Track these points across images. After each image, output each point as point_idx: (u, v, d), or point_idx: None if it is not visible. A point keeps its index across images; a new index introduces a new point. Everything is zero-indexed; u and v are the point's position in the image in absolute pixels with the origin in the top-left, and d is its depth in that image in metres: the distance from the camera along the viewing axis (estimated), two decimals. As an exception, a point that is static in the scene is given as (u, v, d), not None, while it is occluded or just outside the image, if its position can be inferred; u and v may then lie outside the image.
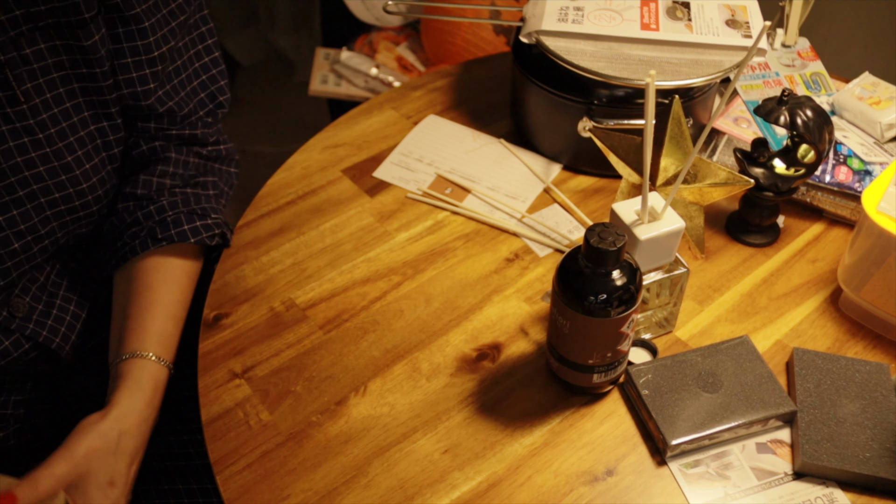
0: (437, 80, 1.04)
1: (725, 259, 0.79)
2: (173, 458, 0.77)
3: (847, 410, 0.63)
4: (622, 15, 0.85)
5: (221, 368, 0.70)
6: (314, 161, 0.91)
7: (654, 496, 0.61)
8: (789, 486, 0.61)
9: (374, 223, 0.84)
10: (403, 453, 0.64)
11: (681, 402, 0.64)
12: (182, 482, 0.76)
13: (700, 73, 0.80)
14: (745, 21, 0.85)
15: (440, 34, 1.46)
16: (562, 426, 0.65)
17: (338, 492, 0.61)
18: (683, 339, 0.72)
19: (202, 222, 0.76)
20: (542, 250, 0.80)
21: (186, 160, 0.79)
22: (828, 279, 0.77)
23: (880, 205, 0.67)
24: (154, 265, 0.74)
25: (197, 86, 0.78)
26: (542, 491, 0.61)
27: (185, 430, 0.79)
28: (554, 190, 0.87)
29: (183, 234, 0.74)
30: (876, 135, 0.84)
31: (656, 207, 0.64)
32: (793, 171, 0.75)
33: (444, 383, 0.69)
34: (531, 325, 0.73)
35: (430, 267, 0.79)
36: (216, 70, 0.80)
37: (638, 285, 0.59)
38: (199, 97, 0.78)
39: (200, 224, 0.76)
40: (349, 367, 0.70)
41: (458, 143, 0.93)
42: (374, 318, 0.74)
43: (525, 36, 0.85)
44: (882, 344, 0.71)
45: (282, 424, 0.66)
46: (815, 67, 0.94)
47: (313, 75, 1.63)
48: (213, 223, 0.77)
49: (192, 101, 0.77)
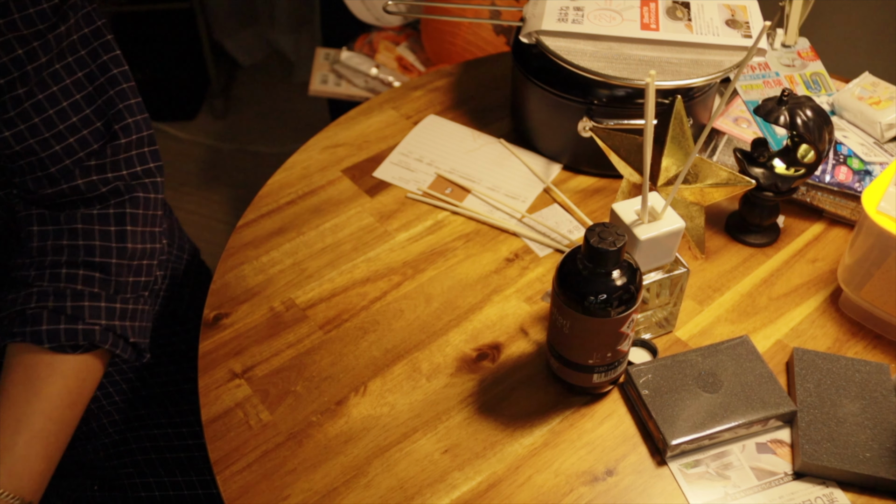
0: (437, 80, 1.04)
1: (725, 259, 0.79)
2: (173, 451, 0.78)
3: (847, 410, 0.63)
4: (622, 15, 0.85)
5: (221, 368, 0.70)
6: (314, 161, 0.91)
7: (654, 496, 0.61)
8: (789, 486, 0.61)
9: (374, 223, 0.84)
10: (403, 453, 0.64)
11: (681, 402, 0.64)
12: (182, 474, 0.77)
13: (700, 73, 0.80)
14: (745, 21, 0.85)
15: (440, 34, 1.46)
16: (562, 426, 0.65)
17: (338, 492, 0.61)
18: (683, 339, 0.72)
19: (67, 325, 0.63)
20: (542, 250, 0.80)
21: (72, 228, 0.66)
22: (828, 279, 0.77)
23: (880, 205, 0.67)
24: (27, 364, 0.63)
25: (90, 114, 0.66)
26: (542, 491, 0.61)
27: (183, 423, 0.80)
28: (554, 190, 0.87)
29: (37, 335, 0.63)
30: (876, 135, 0.84)
31: (656, 207, 0.64)
32: (793, 171, 0.75)
33: (444, 383, 0.69)
34: (531, 325, 0.73)
35: (430, 267, 0.79)
36: (114, 90, 0.67)
37: (638, 285, 0.59)
38: (91, 128, 0.66)
39: (65, 328, 0.63)
40: (349, 367, 0.70)
41: (458, 143, 0.93)
42: (374, 318, 0.74)
43: (525, 36, 0.85)
44: (882, 344, 0.71)
45: (282, 424, 0.66)
46: (815, 67, 0.94)
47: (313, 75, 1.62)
48: (82, 329, 0.64)
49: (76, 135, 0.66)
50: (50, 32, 0.63)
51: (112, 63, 0.67)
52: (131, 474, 0.76)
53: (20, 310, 0.64)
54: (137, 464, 0.76)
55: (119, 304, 0.67)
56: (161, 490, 0.76)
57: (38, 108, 0.64)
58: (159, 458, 0.77)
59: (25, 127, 0.63)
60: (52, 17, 0.62)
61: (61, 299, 0.64)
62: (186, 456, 0.78)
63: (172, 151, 2.14)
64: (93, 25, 0.66)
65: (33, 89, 0.63)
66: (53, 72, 0.64)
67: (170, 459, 0.77)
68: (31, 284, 0.65)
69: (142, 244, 0.69)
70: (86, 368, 0.66)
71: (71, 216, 0.66)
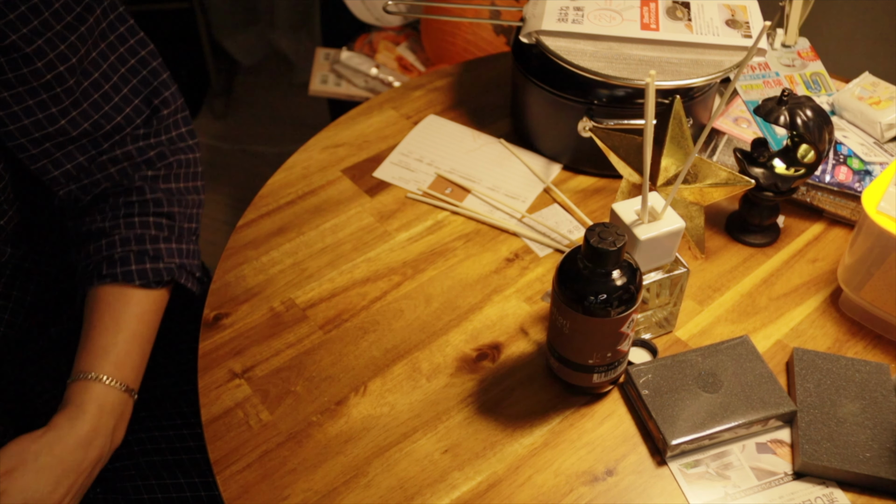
0: (437, 80, 1.04)
1: (725, 259, 0.79)
2: (174, 453, 0.78)
3: (847, 410, 0.63)
4: (622, 15, 0.85)
5: (221, 368, 0.70)
6: (314, 161, 0.91)
7: (654, 496, 0.61)
8: (789, 486, 0.61)
9: (374, 223, 0.84)
10: (403, 453, 0.64)
11: (681, 402, 0.64)
12: (183, 476, 0.77)
13: (700, 73, 0.80)
14: (745, 21, 0.86)
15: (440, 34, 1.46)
16: (562, 426, 0.65)
17: (338, 492, 0.61)
18: (683, 339, 0.72)
19: (152, 265, 0.72)
20: (542, 250, 0.80)
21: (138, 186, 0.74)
22: (828, 279, 0.77)
23: (880, 205, 0.67)
24: (113, 295, 0.72)
25: (128, 93, 0.73)
26: (542, 491, 0.61)
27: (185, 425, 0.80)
28: (554, 190, 0.87)
29: (128, 274, 0.71)
30: (876, 135, 0.84)
31: (656, 207, 0.64)
32: (793, 171, 0.75)
33: (444, 383, 0.69)
34: (531, 325, 0.73)
35: (430, 267, 0.79)
36: (146, 70, 0.75)
37: (638, 285, 0.59)
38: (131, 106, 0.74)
39: (150, 267, 0.72)
40: (349, 367, 0.70)
41: (458, 143, 0.93)
42: (374, 318, 0.74)
43: (525, 36, 0.85)
44: (882, 344, 0.71)
45: (282, 424, 0.66)
46: (815, 67, 0.94)
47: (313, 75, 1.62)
48: (164, 268, 0.73)
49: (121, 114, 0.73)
50: (81, 24, 0.68)
51: (139, 45, 0.74)
52: (133, 476, 0.76)
53: (108, 255, 0.72)
54: (139, 466, 0.77)
55: (185, 244, 0.77)
56: (163, 492, 0.76)
57: (85, 94, 0.70)
58: (161, 459, 0.77)
59: (78, 113, 0.70)
60: (76, 7, 0.67)
61: (142, 243, 0.72)
62: (188, 458, 0.78)
63: (172, 151, 2.14)
64: (116, 11, 0.72)
65: (80, 78, 0.69)
66: (92, 60, 0.70)
67: (171, 461, 0.77)
68: (110, 233, 0.73)
69: (189, 196, 0.79)
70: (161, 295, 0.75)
71: (130, 179, 0.74)
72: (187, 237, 0.78)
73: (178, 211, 0.77)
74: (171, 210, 0.76)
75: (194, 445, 0.78)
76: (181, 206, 0.77)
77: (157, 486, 0.76)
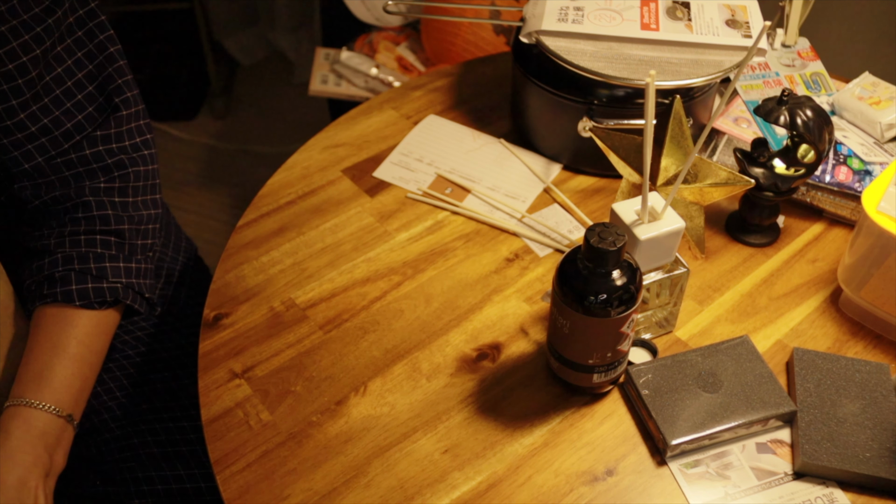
0: (437, 80, 1.04)
1: (725, 259, 0.79)
2: (174, 444, 0.78)
3: (847, 410, 0.63)
4: (622, 15, 0.85)
5: (221, 368, 0.70)
6: (314, 161, 0.91)
7: (654, 496, 0.61)
8: (789, 486, 0.61)
9: (374, 223, 0.84)
10: (403, 453, 0.64)
11: (681, 402, 0.64)
12: (184, 467, 0.77)
13: (700, 73, 0.80)
14: (745, 21, 0.85)
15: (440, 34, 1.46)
16: (562, 426, 0.65)
17: (338, 492, 0.61)
18: (683, 339, 0.72)
19: (94, 284, 0.70)
20: (542, 250, 0.80)
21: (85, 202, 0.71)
22: (828, 279, 0.77)
23: (880, 205, 0.67)
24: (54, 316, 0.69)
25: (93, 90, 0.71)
26: (542, 491, 0.61)
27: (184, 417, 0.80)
28: (554, 190, 0.87)
29: (68, 294, 0.69)
30: (876, 135, 0.84)
31: (656, 207, 0.64)
32: (793, 171, 0.75)
33: (444, 383, 0.69)
34: (531, 325, 0.73)
35: (430, 267, 0.79)
36: (112, 68, 0.72)
37: (638, 285, 0.59)
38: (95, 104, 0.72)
39: (92, 286, 0.69)
40: (349, 367, 0.70)
41: (458, 143, 0.93)
42: (374, 318, 0.74)
43: (525, 36, 0.85)
44: (882, 344, 0.71)
45: (282, 424, 0.66)
46: (815, 67, 0.94)
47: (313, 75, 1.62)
48: (107, 287, 0.70)
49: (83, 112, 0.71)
50: (49, 16, 0.66)
51: (108, 42, 0.72)
52: (133, 468, 0.76)
53: (49, 274, 0.69)
54: (139, 458, 0.77)
55: (134, 263, 0.73)
56: (163, 483, 0.76)
57: (47, 89, 0.68)
58: (161, 451, 0.77)
59: (38, 108, 0.68)
60: (46, 1, 0.66)
61: (85, 261, 0.70)
62: (188, 449, 0.78)
63: (172, 151, 2.14)
64: (86, 7, 0.71)
65: (42, 72, 0.67)
66: (56, 54, 0.68)
67: (171, 453, 0.77)
68: (53, 251, 0.70)
69: (145, 210, 0.75)
70: (107, 316, 0.72)
71: (80, 190, 0.71)
72: (140, 254, 0.74)
73: (128, 228, 0.73)
74: (119, 227, 0.72)
75: (194, 437, 0.79)
76: (133, 222, 0.74)
77: (157, 478, 0.76)
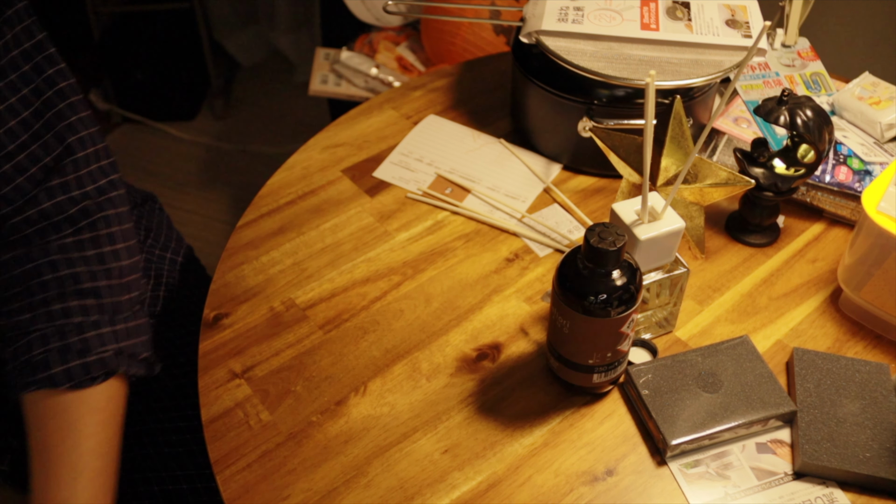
0: (437, 80, 1.04)
1: (725, 259, 0.79)
2: (171, 446, 0.78)
3: (847, 410, 0.63)
4: (622, 15, 0.85)
5: (221, 368, 0.70)
6: (314, 161, 0.91)
7: (654, 496, 0.61)
8: (789, 486, 0.61)
9: (374, 223, 0.84)
10: (403, 453, 0.64)
11: (681, 402, 0.64)
12: (181, 468, 0.77)
13: (700, 73, 0.80)
14: (745, 21, 0.85)
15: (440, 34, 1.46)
16: (562, 426, 0.65)
17: (338, 492, 0.61)
18: (683, 339, 0.72)
19: (79, 361, 0.61)
20: (542, 250, 0.80)
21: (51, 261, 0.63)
22: (828, 279, 0.77)
23: (880, 205, 0.67)
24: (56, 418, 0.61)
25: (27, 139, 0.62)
26: (542, 491, 0.61)
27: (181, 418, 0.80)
28: (554, 190, 0.87)
29: (51, 379, 0.61)
30: (876, 135, 0.84)
31: (656, 207, 0.64)
32: (793, 171, 0.75)
33: (444, 383, 0.69)
34: (531, 325, 0.73)
35: (430, 267, 0.79)
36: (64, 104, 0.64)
37: (638, 285, 0.59)
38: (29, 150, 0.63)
39: (78, 363, 0.61)
40: (349, 367, 0.70)
41: (458, 143, 0.93)
42: (374, 318, 0.74)
43: (525, 36, 0.85)
44: (882, 344, 0.71)
45: (282, 424, 0.66)
46: (815, 67, 0.94)
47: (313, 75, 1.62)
48: (95, 361, 0.62)
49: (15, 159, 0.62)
50: None
51: (58, 76, 0.64)
52: (129, 469, 0.76)
53: (26, 360, 0.62)
54: (136, 459, 0.77)
55: (120, 325, 0.65)
56: (160, 485, 0.76)
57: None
58: (157, 452, 0.77)
59: None
60: None
61: (64, 337, 0.62)
62: (185, 450, 0.78)
63: (172, 151, 2.14)
64: (33, 39, 0.63)
65: None
66: None
67: (168, 454, 0.77)
68: (28, 331, 0.63)
69: (126, 260, 0.67)
70: (113, 394, 0.65)
71: (44, 249, 0.64)
72: (127, 310, 0.66)
73: (105, 285, 0.65)
74: (95, 285, 0.64)
75: (191, 438, 0.79)
76: (111, 276, 0.65)
77: (154, 479, 0.76)
